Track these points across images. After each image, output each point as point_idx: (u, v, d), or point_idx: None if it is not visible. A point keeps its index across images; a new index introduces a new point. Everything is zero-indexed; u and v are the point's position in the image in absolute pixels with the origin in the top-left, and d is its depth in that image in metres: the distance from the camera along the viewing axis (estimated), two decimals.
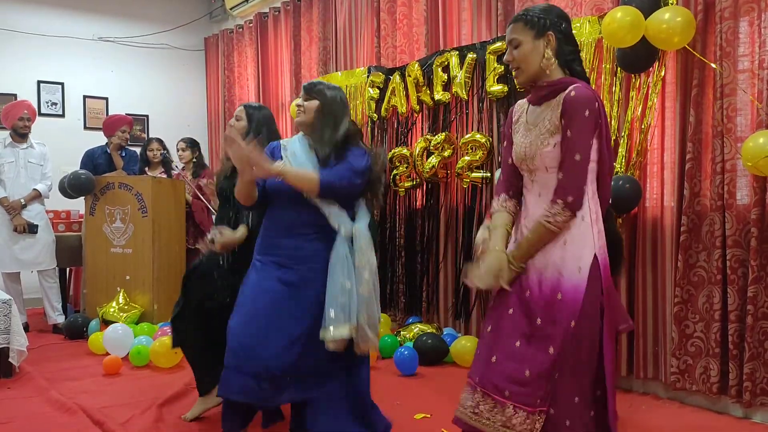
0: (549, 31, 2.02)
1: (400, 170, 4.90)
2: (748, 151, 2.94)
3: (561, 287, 1.97)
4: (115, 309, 5.00)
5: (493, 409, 2.00)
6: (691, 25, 3.22)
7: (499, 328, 2.07)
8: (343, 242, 2.52)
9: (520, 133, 2.13)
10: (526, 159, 2.08)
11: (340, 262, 2.49)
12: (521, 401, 1.96)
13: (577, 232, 1.99)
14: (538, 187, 2.07)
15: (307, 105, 2.61)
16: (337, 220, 2.53)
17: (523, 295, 2.04)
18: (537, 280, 2.02)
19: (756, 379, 3.05)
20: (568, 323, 1.94)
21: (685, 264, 3.30)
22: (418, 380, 3.89)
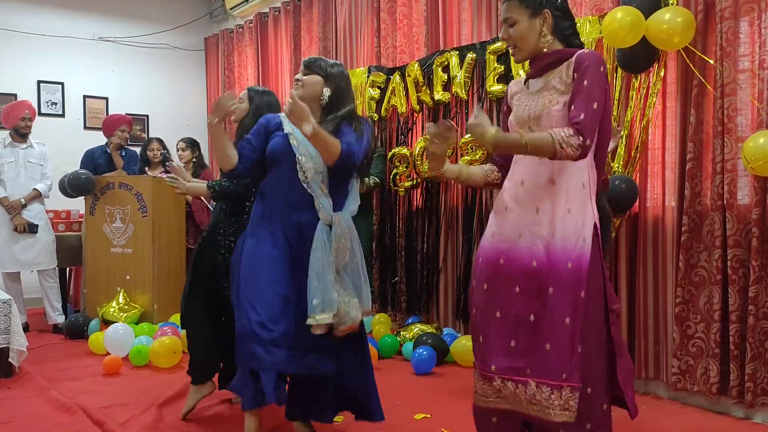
0: (545, 8, 2.00)
1: (400, 170, 4.90)
2: (748, 151, 2.94)
3: (569, 256, 1.93)
4: (115, 309, 4.99)
5: (516, 390, 1.96)
6: (692, 25, 3.22)
7: (509, 311, 2.02)
8: (322, 228, 2.51)
9: (522, 99, 2.10)
10: (530, 120, 2.04)
11: (319, 249, 2.49)
12: (542, 375, 1.91)
13: (580, 199, 1.96)
14: None
15: (305, 79, 2.59)
16: (319, 202, 2.53)
17: (530, 266, 1.98)
18: (545, 249, 1.97)
19: (757, 380, 3.04)
20: (578, 293, 1.90)
21: (686, 264, 3.30)
22: (418, 380, 3.89)
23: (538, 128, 2.00)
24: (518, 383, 1.95)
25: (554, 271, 1.94)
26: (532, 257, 1.98)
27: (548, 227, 1.97)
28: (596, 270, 1.94)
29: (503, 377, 1.98)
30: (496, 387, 2.01)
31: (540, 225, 1.99)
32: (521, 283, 2.00)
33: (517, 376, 1.95)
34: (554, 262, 1.95)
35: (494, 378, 2.01)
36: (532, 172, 2.03)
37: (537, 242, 1.98)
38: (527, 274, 1.99)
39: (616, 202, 3.41)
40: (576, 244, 1.93)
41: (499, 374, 1.99)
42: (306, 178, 2.51)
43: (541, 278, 1.96)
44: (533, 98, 2.05)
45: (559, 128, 1.91)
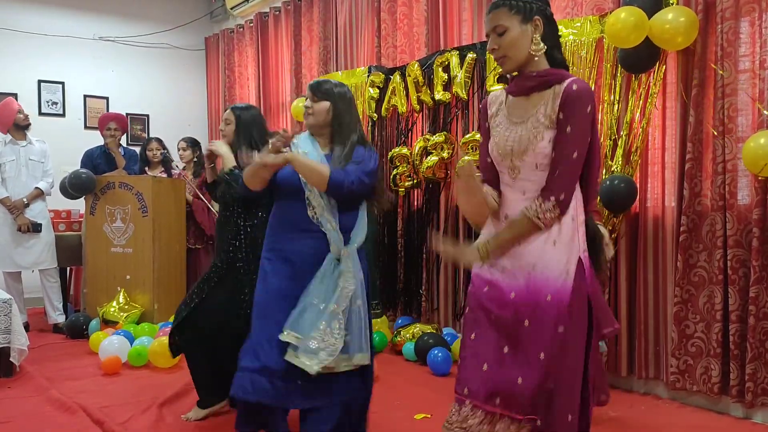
0: (536, 15, 1.90)
1: (400, 170, 4.90)
2: (749, 152, 2.94)
3: (550, 289, 1.88)
4: (115, 309, 5.00)
5: (482, 422, 1.92)
6: (695, 25, 3.22)
7: (483, 335, 1.97)
8: (330, 263, 2.50)
9: (502, 126, 2.00)
10: (512, 154, 1.95)
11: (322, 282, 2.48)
12: (511, 409, 1.87)
13: (567, 232, 1.91)
14: (522, 185, 1.95)
15: (315, 107, 2.58)
16: (331, 239, 2.51)
17: (508, 298, 1.94)
18: (524, 281, 1.92)
19: (758, 380, 3.04)
20: (555, 328, 1.86)
21: (685, 264, 3.30)
22: (418, 380, 3.89)
23: (522, 163, 1.94)
24: (486, 414, 1.92)
25: (532, 303, 1.90)
26: (511, 288, 1.94)
27: (531, 259, 1.92)
28: (580, 302, 1.90)
29: (474, 404, 1.94)
30: (464, 415, 1.96)
31: (521, 256, 1.94)
32: (497, 311, 1.96)
33: (487, 405, 1.91)
34: (533, 294, 1.90)
35: (464, 402, 1.97)
36: (513, 208, 1.97)
37: (517, 273, 1.94)
38: (506, 304, 1.94)
39: (616, 202, 3.41)
40: (559, 277, 1.88)
41: (470, 399, 1.95)
42: (315, 214, 2.51)
43: (519, 311, 1.92)
44: (516, 129, 1.96)
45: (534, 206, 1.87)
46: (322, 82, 2.63)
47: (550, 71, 1.92)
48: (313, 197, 2.51)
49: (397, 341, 4.50)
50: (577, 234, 1.92)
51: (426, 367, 4.10)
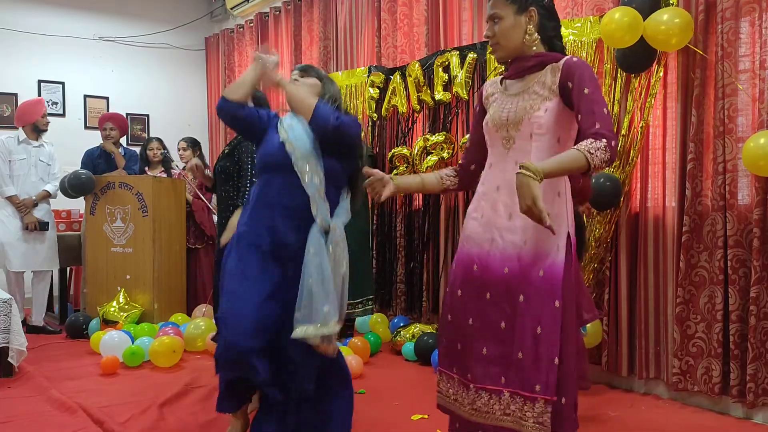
0: (531, 6, 1.95)
1: (400, 170, 4.90)
2: (748, 152, 2.94)
3: (542, 264, 1.88)
4: (115, 308, 5.00)
5: (490, 401, 1.92)
6: (690, 26, 3.22)
7: (481, 318, 1.98)
8: (319, 236, 2.41)
9: (499, 101, 2.04)
10: (508, 124, 1.97)
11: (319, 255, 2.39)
12: (516, 385, 1.87)
13: (555, 208, 1.91)
14: (515, 155, 1.96)
15: (302, 80, 2.59)
16: (317, 207, 2.43)
17: (501, 273, 1.94)
18: (516, 256, 1.92)
19: (759, 380, 3.04)
20: (552, 303, 1.86)
21: (686, 264, 3.30)
22: (416, 381, 3.89)
23: (518, 133, 1.96)
24: (492, 393, 1.92)
25: (525, 279, 1.90)
26: (503, 263, 1.94)
27: (521, 234, 1.92)
28: (569, 279, 1.89)
29: (477, 386, 1.95)
30: (471, 397, 1.97)
31: (513, 231, 1.94)
32: (492, 289, 1.96)
33: (492, 384, 1.91)
34: (525, 269, 1.90)
35: (469, 386, 1.98)
36: (507, 178, 1.96)
37: (509, 248, 1.94)
38: (498, 280, 1.95)
39: (601, 200, 3.42)
40: (549, 252, 1.89)
41: (474, 383, 1.96)
42: (304, 181, 2.43)
43: (512, 285, 1.92)
44: (512, 101, 2.00)
45: (587, 143, 1.80)
46: (311, 66, 2.67)
47: (547, 53, 1.98)
48: (301, 164, 2.43)
49: (396, 341, 4.50)
50: (565, 210, 1.93)
51: (426, 367, 4.10)
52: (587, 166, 1.78)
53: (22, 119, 5.37)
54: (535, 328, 1.86)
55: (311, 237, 2.41)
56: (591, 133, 1.82)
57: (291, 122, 2.54)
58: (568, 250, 1.90)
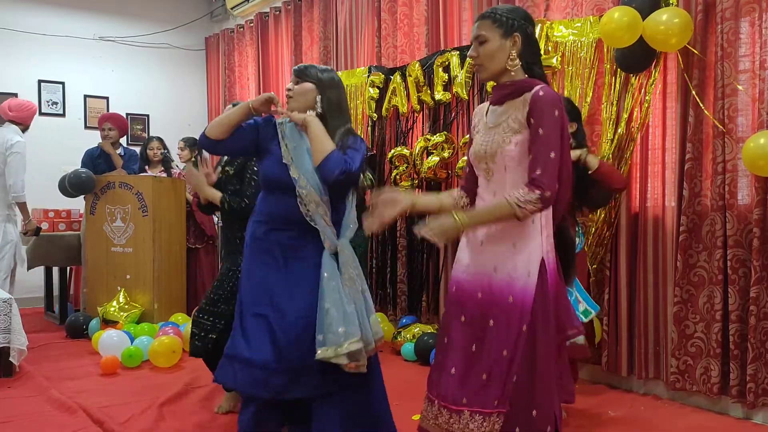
0: (516, 32, 2.01)
1: (400, 170, 4.90)
2: (748, 152, 2.94)
3: (512, 290, 1.97)
4: (115, 308, 5.00)
5: (450, 419, 2.03)
6: (689, 26, 3.22)
7: (453, 338, 2.08)
8: (329, 260, 2.47)
9: (480, 132, 2.13)
10: (486, 157, 2.06)
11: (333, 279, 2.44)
12: (477, 405, 1.97)
13: (527, 235, 1.99)
14: (494, 186, 2.06)
15: (297, 88, 2.51)
16: (324, 234, 2.47)
17: (476, 298, 2.05)
18: (488, 282, 2.03)
19: (759, 380, 3.04)
20: (520, 327, 1.94)
21: (685, 264, 3.30)
22: (416, 381, 3.89)
23: (494, 165, 2.04)
24: (452, 412, 2.02)
25: (495, 305, 2.00)
26: (477, 289, 2.05)
27: (492, 261, 2.02)
28: (544, 302, 1.97)
29: (440, 404, 2.05)
30: (434, 413, 2.09)
31: (484, 258, 2.05)
32: (467, 312, 2.06)
33: (454, 405, 2.01)
34: (495, 296, 2.00)
35: (434, 402, 2.09)
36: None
37: (481, 274, 2.05)
38: (473, 304, 2.05)
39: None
40: (519, 279, 1.97)
41: (438, 400, 2.07)
42: (308, 211, 2.45)
43: (484, 310, 2.02)
44: (489, 134, 2.08)
45: (518, 193, 1.92)
46: (309, 66, 2.56)
47: (524, 81, 2.04)
48: (305, 193, 2.44)
49: (397, 341, 4.50)
50: (540, 236, 2.01)
51: (425, 367, 4.10)
52: (515, 217, 1.94)
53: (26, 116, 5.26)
54: (501, 351, 1.96)
55: (324, 262, 2.47)
56: (530, 179, 1.94)
57: (294, 143, 2.50)
58: (542, 275, 1.98)
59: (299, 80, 2.52)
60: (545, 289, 1.98)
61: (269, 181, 2.54)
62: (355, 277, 2.50)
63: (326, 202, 2.46)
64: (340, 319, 2.40)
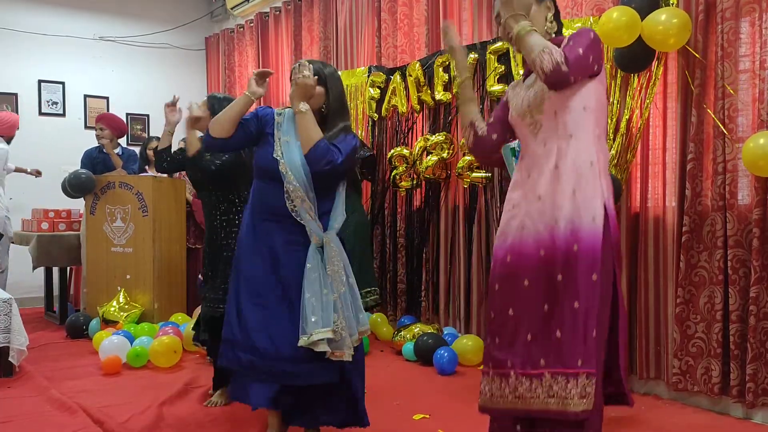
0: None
1: (400, 170, 4.90)
2: (748, 152, 2.94)
3: (577, 238, 1.87)
4: (115, 308, 5.00)
5: (532, 385, 1.91)
6: (687, 26, 3.22)
7: (520, 304, 1.98)
8: (315, 251, 2.54)
9: (516, 94, 2.11)
10: (531, 109, 2.03)
11: (315, 270, 2.51)
12: (557, 365, 1.85)
13: (587, 179, 1.91)
14: (544, 135, 2.00)
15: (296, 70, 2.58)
16: (309, 228, 2.54)
17: (537, 256, 1.94)
18: (549, 236, 1.93)
19: (758, 380, 3.04)
20: (589, 276, 1.84)
21: (686, 264, 3.30)
22: (417, 380, 3.89)
23: (542, 115, 2.00)
24: (533, 378, 1.90)
25: (561, 256, 1.90)
26: (538, 246, 1.95)
27: (551, 212, 1.93)
28: (609, 249, 1.88)
29: (518, 373, 1.94)
30: (513, 385, 1.96)
31: (542, 212, 1.95)
32: (529, 275, 1.96)
33: (533, 369, 1.90)
34: (560, 247, 1.90)
35: (509, 375, 1.97)
36: (537, 162, 2.01)
37: (541, 230, 1.94)
38: (535, 264, 1.95)
39: None
40: (586, 225, 1.87)
41: (514, 369, 1.95)
42: (294, 207, 2.52)
43: (549, 266, 1.92)
44: (531, 89, 2.05)
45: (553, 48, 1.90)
46: (311, 62, 2.62)
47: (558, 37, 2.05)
48: (292, 189, 2.51)
49: (397, 341, 4.50)
50: (599, 180, 1.92)
51: (425, 367, 4.10)
52: (530, 56, 1.90)
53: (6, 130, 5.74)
54: (572, 303, 1.85)
55: (309, 253, 2.53)
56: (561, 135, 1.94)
57: (287, 138, 2.57)
58: (606, 221, 1.88)
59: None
60: (610, 235, 1.88)
61: (262, 170, 2.61)
62: (340, 270, 2.56)
63: (312, 199, 2.53)
64: (318, 308, 2.47)
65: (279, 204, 2.54)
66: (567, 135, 1.95)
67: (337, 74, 2.67)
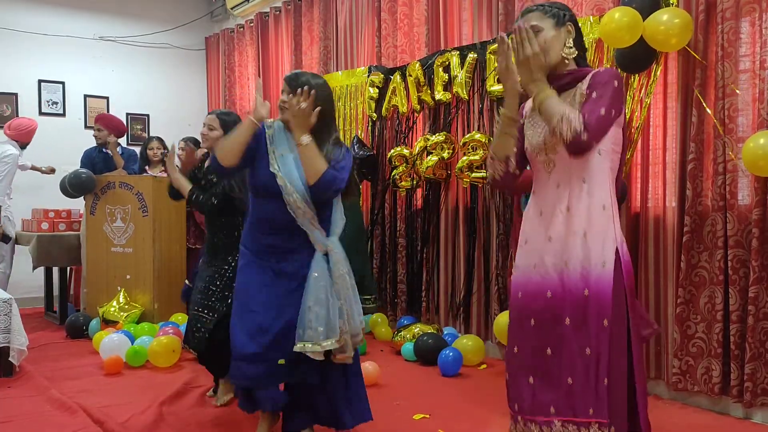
0: (569, 21, 1.98)
1: (400, 170, 4.90)
2: (748, 152, 2.94)
3: (587, 283, 1.83)
4: (115, 308, 5.00)
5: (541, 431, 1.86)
6: (689, 26, 3.22)
7: (524, 346, 1.94)
8: (321, 259, 2.56)
9: (533, 125, 2.04)
10: (546, 147, 1.98)
11: (322, 278, 2.53)
12: (568, 413, 1.81)
13: (599, 222, 1.88)
14: (557, 176, 1.96)
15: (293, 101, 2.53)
16: (313, 236, 2.56)
17: (545, 297, 1.91)
18: (558, 279, 1.89)
19: (757, 380, 3.04)
20: (600, 322, 1.80)
21: (687, 264, 3.30)
22: (417, 380, 3.89)
23: (556, 155, 1.96)
24: (542, 425, 1.85)
25: (570, 300, 1.86)
26: (546, 288, 1.91)
27: (561, 254, 1.89)
28: (621, 295, 1.83)
29: (525, 418, 1.90)
30: (519, 429, 1.92)
31: (553, 253, 1.91)
32: (536, 315, 1.92)
33: (541, 415, 1.85)
34: (570, 290, 1.86)
35: (517, 419, 1.93)
36: (550, 202, 1.97)
37: (551, 271, 1.91)
38: (542, 305, 1.91)
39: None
40: (593, 269, 1.84)
41: (522, 414, 1.91)
42: (297, 216, 2.53)
43: (557, 308, 1.88)
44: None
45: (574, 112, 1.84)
46: (300, 74, 2.61)
47: (579, 69, 1.99)
48: (292, 200, 2.52)
49: (397, 341, 4.50)
50: (612, 224, 1.89)
51: (425, 367, 4.10)
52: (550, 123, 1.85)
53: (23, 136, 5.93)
54: (583, 349, 1.81)
55: (315, 261, 2.55)
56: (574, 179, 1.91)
57: (281, 151, 2.57)
58: (617, 266, 1.85)
59: (293, 91, 2.54)
60: (621, 280, 1.84)
61: (258, 187, 2.62)
62: (345, 275, 2.59)
63: (312, 207, 2.54)
64: (322, 318, 2.49)
65: (278, 218, 2.55)
66: (581, 178, 1.92)
67: (326, 86, 2.63)
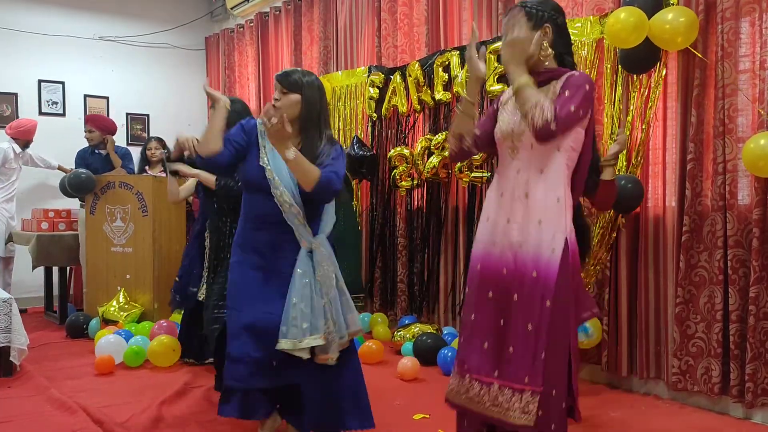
0: (546, 23, 2.12)
1: (400, 170, 4.90)
2: (748, 152, 2.94)
3: (536, 265, 2.03)
4: (115, 308, 5.00)
5: (480, 392, 2.08)
6: (695, 25, 3.22)
7: (481, 314, 2.14)
8: (305, 257, 2.55)
9: (508, 110, 2.19)
10: (513, 135, 2.14)
11: (306, 275, 2.53)
12: (506, 378, 2.02)
13: (553, 213, 2.05)
14: (519, 164, 2.13)
15: (283, 100, 2.54)
16: (299, 233, 2.56)
17: (501, 274, 2.11)
18: (512, 257, 2.09)
19: (757, 380, 3.04)
20: (543, 302, 2.00)
21: (686, 264, 3.30)
22: (417, 380, 3.89)
23: (521, 144, 2.12)
24: (483, 384, 2.07)
25: (519, 279, 2.06)
26: (502, 265, 2.11)
27: (517, 237, 2.09)
28: (565, 280, 2.02)
29: (472, 377, 2.11)
30: (465, 386, 2.13)
31: (510, 235, 2.11)
32: (493, 288, 2.12)
33: (485, 376, 2.07)
34: (520, 270, 2.06)
35: (465, 376, 2.13)
36: (510, 186, 2.15)
37: (506, 251, 2.11)
38: (498, 280, 2.12)
39: (623, 202, 3.39)
40: (543, 254, 2.02)
41: (470, 373, 2.12)
42: (283, 210, 2.54)
43: (509, 285, 2.08)
44: (518, 114, 2.13)
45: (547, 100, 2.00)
46: (290, 72, 2.60)
47: (556, 69, 2.14)
48: (279, 194, 2.52)
49: (397, 341, 4.50)
50: (563, 216, 2.07)
51: (425, 367, 4.10)
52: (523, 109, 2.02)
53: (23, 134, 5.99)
54: (526, 325, 2.02)
55: (300, 258, 2.55)
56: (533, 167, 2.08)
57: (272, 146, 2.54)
58: (564, 254, 2.03)
59: (285, 90, 2.55)
60: (567, 267, 2.03)
61: (248, 183, 2.63)
62: (330, 273, 2.58)
63: (299, 204, 2.54)
64: (307, 315, 2.49)
65: (268, 212, 2.56)
66: (539, 169, 2.10)
67: (317, 83, 2.62)
